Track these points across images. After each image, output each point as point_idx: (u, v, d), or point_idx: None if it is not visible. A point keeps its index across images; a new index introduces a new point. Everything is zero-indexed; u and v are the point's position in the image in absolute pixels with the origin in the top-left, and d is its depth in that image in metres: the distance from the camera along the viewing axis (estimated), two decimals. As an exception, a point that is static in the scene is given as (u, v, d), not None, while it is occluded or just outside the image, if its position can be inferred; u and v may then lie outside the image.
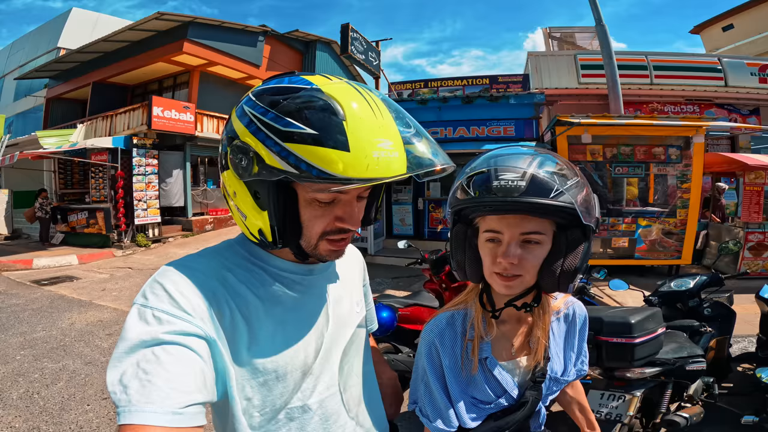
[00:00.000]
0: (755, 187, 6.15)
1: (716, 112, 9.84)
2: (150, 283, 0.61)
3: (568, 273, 0.78)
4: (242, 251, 0.71)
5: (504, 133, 7.77)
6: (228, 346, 0.61)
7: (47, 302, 5.53)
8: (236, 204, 0.67)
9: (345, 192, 0.63)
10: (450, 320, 0.91)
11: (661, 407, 2.12)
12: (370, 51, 8.72)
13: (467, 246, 0.85)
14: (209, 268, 0.65)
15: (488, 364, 0.87)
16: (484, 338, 0.88)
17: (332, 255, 0.69)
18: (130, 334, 0.54)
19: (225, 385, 0.62)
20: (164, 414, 0.49)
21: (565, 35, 14.71)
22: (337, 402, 0.74)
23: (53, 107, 16.15)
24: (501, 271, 0.79)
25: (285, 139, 0.55)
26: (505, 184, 0.73)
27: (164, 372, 0.51)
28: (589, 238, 0.79)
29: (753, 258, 6.11)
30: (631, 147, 6.43)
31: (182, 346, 0.55)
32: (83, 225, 10.25)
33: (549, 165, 0.76)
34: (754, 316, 3.06)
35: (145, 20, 11.82)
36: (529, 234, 0.77)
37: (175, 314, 0.56)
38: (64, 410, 2.83)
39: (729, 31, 18.12)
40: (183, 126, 11.01)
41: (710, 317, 2.71)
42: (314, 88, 0.58)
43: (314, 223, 0.64)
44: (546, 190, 0.72)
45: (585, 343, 1.01)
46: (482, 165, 0.80)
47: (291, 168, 0.55)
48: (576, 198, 0.73)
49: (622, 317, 1.92)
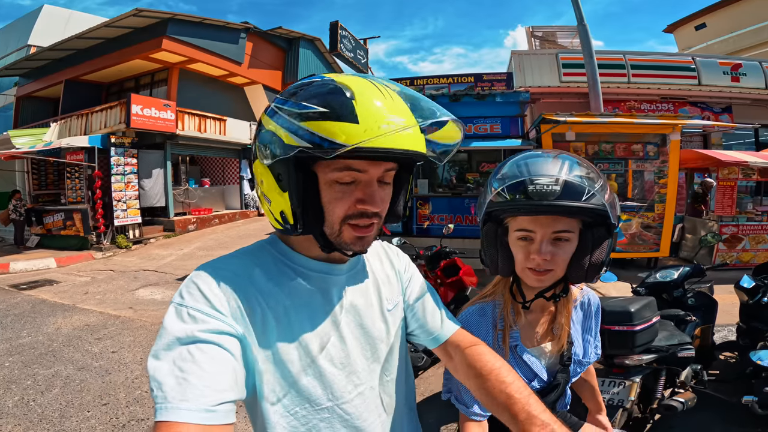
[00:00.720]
0: (728, 182, 6.42)
1: (690, 110, 10.22)
2: (186, 283, 0.63)
3: (595, 266, 0.85)
4: (273, 251, 0.72)
5: (490, 130, 7.89)
6: (258, 345, 0.63)
7: (29, 307, 5.36)
8: (264, 192, 0.69)
9: (362, 171, 0.63)
10: (481, 312, 0.96)
11: (657, 393, 2.23)
12: (358, 49, 8.72)
13: (498, 243, 0.90)
14: (241, 268, 0.67)
15: (518, 351, 0.93)
16: (513, 327, 0.94)
17: (357, 243, 0.68)
18: (168, 330, 0.56)
19: (254, 383, 0.64)
20: (198, 412, 0.51)
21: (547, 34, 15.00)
22: (368, 404, 0.74)
23: (24, 106, 15.54)
24: (534, 266, 0.85)
25: (299, 119, 0.59)
26: (541, 189, 0.80)
27: (199, 370, 0.53)
28: (612, 234, 0.86)
29: (727, 250, 6.40)
30: (612, 144, 6.64)
31: (216, 344, 0.56)
32: (59, 227, 9.93)
33: (578, 169, 0.83)
34: (732, 305, 3.21)
35: (122, 17, 11.48)
36: (560, 232, 0.83)
37: (210, 313, 0.59)
38: (64, 417, 2.77)
39: (701, 30, 18.73)
40: (163, 124, 10.76)
41: (694, 306, 2.84)
42: (327, 78, 0.64)
43: (335, 206, 0.64)
44: (578, 194, 0.79)
45: (599, 328, 1.09)
46: (513, 170, 0.86)
47: (305, 143, 0.58)
48: (604, 199, 0.80)
49: (622, 306, 2.02)
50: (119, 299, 5.76)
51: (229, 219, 13.35)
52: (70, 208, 9.78)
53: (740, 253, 6.41)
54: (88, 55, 13.22)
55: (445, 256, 3.69)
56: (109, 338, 4.23)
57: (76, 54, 13.39)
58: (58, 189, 11.59)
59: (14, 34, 17.32)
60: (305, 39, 17.15)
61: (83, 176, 9.69)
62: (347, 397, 0.71)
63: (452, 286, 3.61)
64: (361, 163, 0.63)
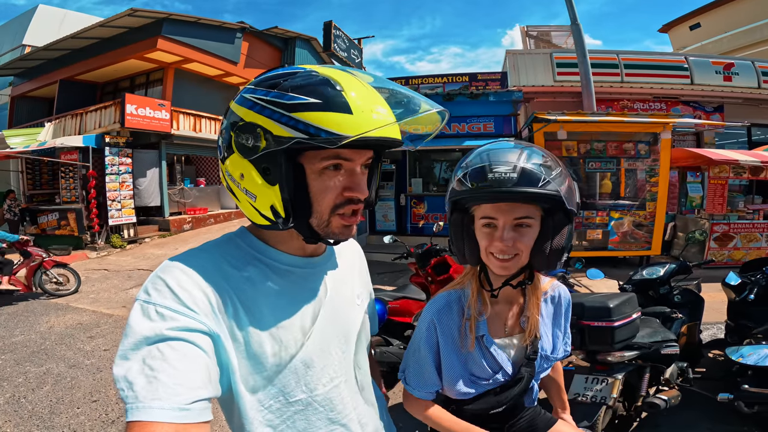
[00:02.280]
0: (719, 181, 6.46)
1: (682, 109, 10.27)
2: (152, 278, 0.60)
3: (556, 251, 0.87)
4: (242, 244, 0.71)
5: (483, 129, 7.93)
6: (231, 341, 0.62)
7: (22, 306, 5.37)
8: (244, 187, 0.66)
9: (350, 159, 0.65)
10: (448, 300, 0.98)
11: (641, 391, 2.23)
12: (352, 48, 8.73)
13: (465, 232, 0.93)
14: (210, 261, 0.65)
15: (485, 341, 0.95)
16: (478, 318, 0.96)
17: (345, 232, 0.69)
18: (134, 330, 0.54)
19: (229, 379, 0.63)
20: (171, 410, 0.49)
21: (542, 34, 15.04)
22: (341, 393, 0.74)
23: (18, 105, 15.47)
24: (497, 252, 0.87)
25: (291, 110, 0.59)
26: (499, 176, 0.83)
27: (170, 368, 0.51)
28: (572, 221, 0.89)
29: (718, 248, 6.44)
30: (604, 143, 6.68)
31: (186, 342, 0.55)
32: (54, 227, 9.91)
33: (536, 158, 0.86)
34: (721, 303, 3.22)
35: (117, 17, 11.45)
36: (520, 219, 0.86)
37: (178, 310, 0.56)
38: (54, 414, 2.79)
39: (696, 30, 18.81)
40: (158, 124, 10.74)
41: (680, 304, 2.85)
42: (309, 70, 0.64)
43: (324, 196, 0.65)
44: (535, 180, 0.81)
45: (569, 324, 1.10)
46: (476, 159, 0.89)
47: (300, 134, 0.58)
48: (560, 187, 0.83)
49: (601, 302, 2.04)
50: (113, 298, 5.76)
51: (225, 219, 13.33)
52: (65, 207, 9.76)
53: (732, 251, 6.46)
54: (83, 54, 13.18)
55: (436, 254, 3.71)
56: (101, 336, 4.24)
57: (71, 54, 13.35)
58: (52, 189, 11.56)
59: (9, 33, 17.28)
60: (301, 39, 17.13)
61: (78, 176, 9.67)
62: (322, 390, 0.71)
63: (443, 284, 3.63)
64: (349, 152, 0.64)
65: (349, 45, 8.69)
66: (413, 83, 11.51)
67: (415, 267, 3.75)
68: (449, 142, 7.81)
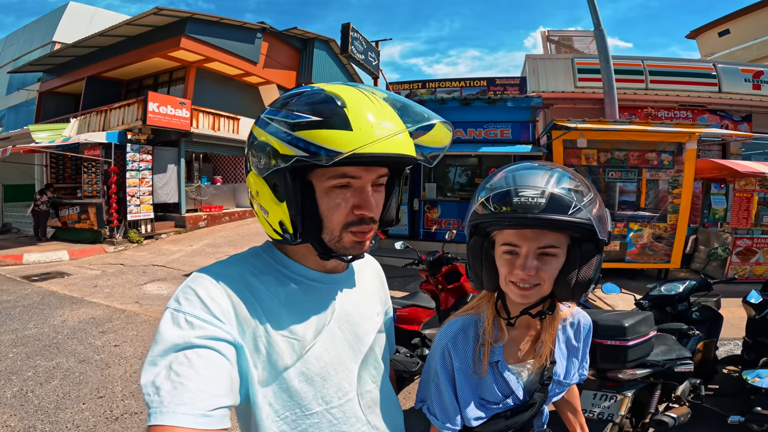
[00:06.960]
0: (745, 194, 6.23)
1: (709, 118, 9.97)
2: (183, 288, 0.63)
3: (582, 283, 0.80)
4: (268, 258, 0.73)
5: (501, 135, 7.81)
6: (254, 351, 0.64)
7: (38, 299, 5.49)
8: (259, 203, 0.70)
9: (357, 177, 0.65)
10: (463, 326, 0.94)
11: (651, 407, 2.17)
12: (369, 51, 8.72)
13: (484, 257, 0.88)
14: (238, 274, 0.67)
15: (499, 367, 0.90)
16: (494, 344, 0.91)
17: (356, 247, 0.70)
18: (164, 337, 0.56)
19: (248, 389, 0.64)
20: (194, 416, 0.51)
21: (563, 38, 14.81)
22: (355, 408, 0.75)
23: (46, 101, 15.98)
24: (518, 281, 0.81)
25: (294, 129, 0.60)
26: (526, 201, 0.76)
27: (195, 375, 0.53)
28: (602, 251, 0.82)
29: (741, 263, 6.21)
30: (625, 152, 6.50)
31: (213, 350, 0.57)
32: (74, 220, 10.17)
33: (566, 182, 0.79)
34: (740, 319, 3.14)
35: (143, 15, 11.75)
36: (545, 248, 0.79)
37: (207, 319, 0.59)
38: (59, 409, 2.82)
39: (725, 37, 18.29)
40: (178, 122, 10.95)
41: (698, 321, 2.77)
42: (316, 88, 0.66)
43: (333, 213, 0.66)
44: (564, 207, 0.75)
45: (588, 350, 1.04)
46: (501, 182, 0.83)
47: (301, 152, 0.59)
48: (592, 214, 0.76)
49: (615, 320, 1.96)
50: (127, 293, 5.86)
51: (240, 217, 13.49)
52: (86, 201, 10.01)
53: (754, 267, 6.22)
54: (109, 52, 13.56)
55: (447, 262, 3.66)
56: (112, 332, 4.30)
57: (99, 51, 13.74)
58: (75, 183, 11.87)
59: (40, 30, 17.89)
60: (320, 40, 17.27)
61: (99, 171, 9.91)
62: (337, 403, 0.72)
63: (453, 292, 3.57)
64: (356, 169, 0.65)
65: (367, 47, 8.69)
66: (430, 86, 11.45)
67: (426, 274, 3.70)
68: (465, 147, 7.72)
